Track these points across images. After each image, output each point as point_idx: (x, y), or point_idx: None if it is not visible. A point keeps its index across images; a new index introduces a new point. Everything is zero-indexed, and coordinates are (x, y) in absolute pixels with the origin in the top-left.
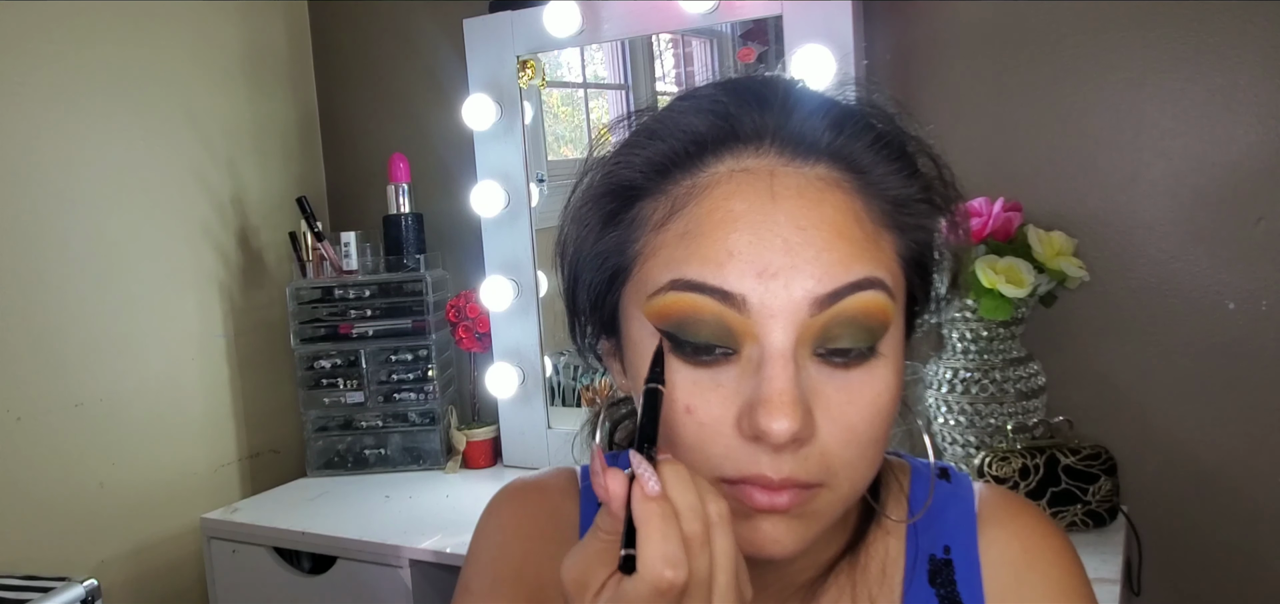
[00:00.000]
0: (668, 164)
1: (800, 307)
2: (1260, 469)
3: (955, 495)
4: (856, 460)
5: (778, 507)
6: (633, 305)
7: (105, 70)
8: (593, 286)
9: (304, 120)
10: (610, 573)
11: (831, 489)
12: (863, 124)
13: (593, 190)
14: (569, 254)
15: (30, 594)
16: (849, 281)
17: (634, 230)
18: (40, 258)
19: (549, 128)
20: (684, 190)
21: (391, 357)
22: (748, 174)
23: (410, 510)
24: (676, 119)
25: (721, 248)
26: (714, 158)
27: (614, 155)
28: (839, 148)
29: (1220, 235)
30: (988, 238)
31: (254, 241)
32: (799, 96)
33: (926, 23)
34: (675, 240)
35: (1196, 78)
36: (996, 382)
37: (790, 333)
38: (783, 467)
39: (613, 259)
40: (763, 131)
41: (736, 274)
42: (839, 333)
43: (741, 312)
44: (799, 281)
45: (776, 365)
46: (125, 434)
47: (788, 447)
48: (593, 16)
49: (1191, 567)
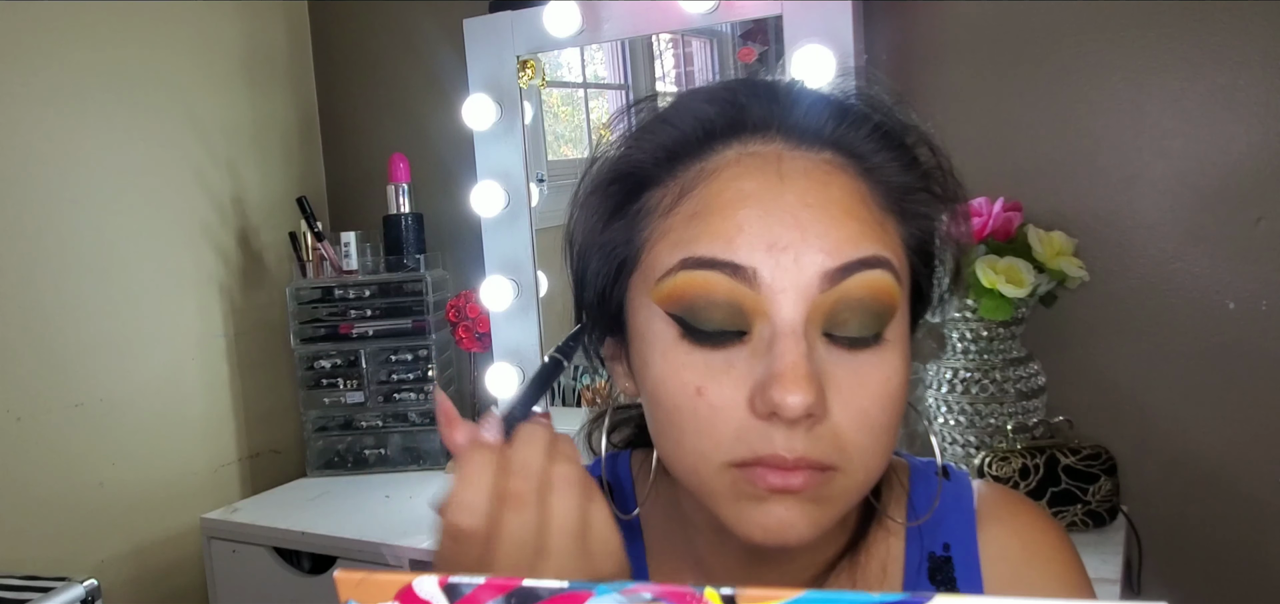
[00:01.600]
0: (677, 150)
1: (811, 282)
2: (1260, 469)
3: (954, 493)
4: (870, 446)
5: (792, 487)
6: (640, 295)
7: (105, 71)
8: (599, 278)
9: (304, 120)
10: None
11: (846, 475)
12: (862, 114)
13: (601, 176)
14: (578, 241)
15: (30, 594)
16: (858, 257)
17: (641, 220)
18: (40, 258)
19: (549, 128)
20: (692, 174)
21: (391, 356)
22: (756, 157)
23: (410, 510)
24: (687, 107)
25: (731, 223)
26: (722, 144)
27: (624, 142)
28: (841, 136)
29: (1220, 235)
30: (988, 238)
31: (254, 241)
32: (803, 91)
33: (926, 23)
34: (684, 222)
35: (1196, 78)
36: (996, 382)
37: (801, 308)
38: (796, 445)
39: (620, 250)
40: (770, 120)
41: (747, 247)
42: (847, 317)
43: (752, 286)
44: (809, 256)
45: (788, 341)
46: (125, 434)
47: (801, 423)
48: (593, 16)
49: (1191, 567)
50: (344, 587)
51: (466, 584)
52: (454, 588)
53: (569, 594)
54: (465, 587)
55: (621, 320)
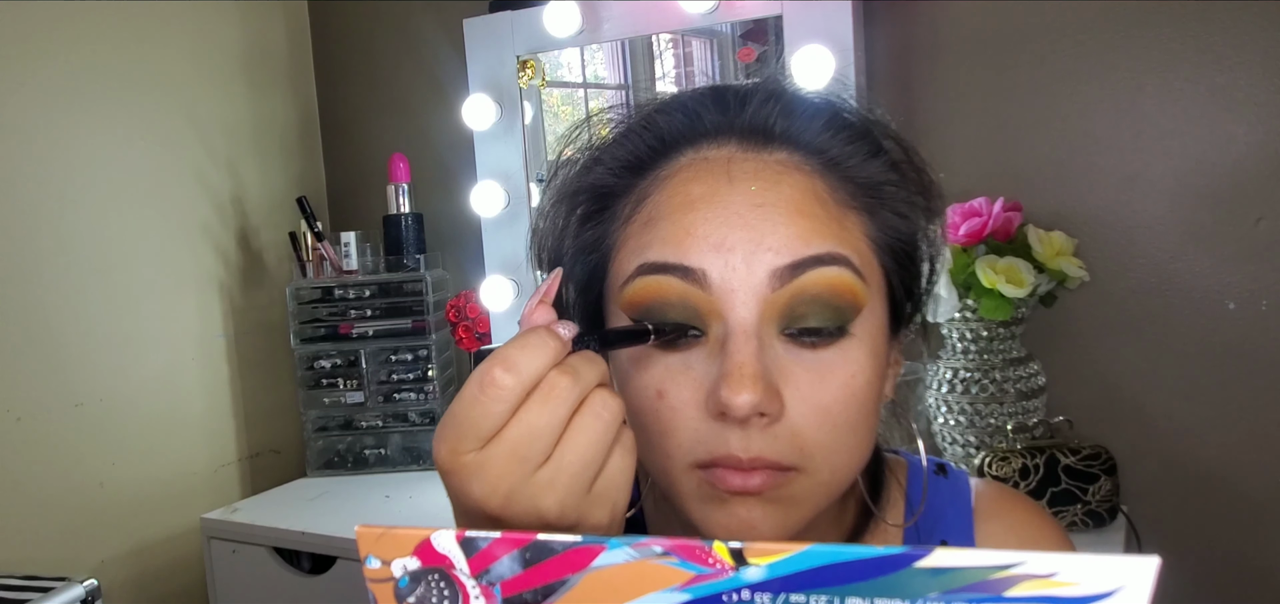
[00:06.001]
0: (634, 162)
1: (761, 282)
2: (1261, 469)
3: (952, 491)
4: (832, 444)
5: (750, 488)
6: (610, 302)
7: (105, 71)
8: (578, 282)
9: (304, 120)
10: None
11: (808, 474)
12: (818, 109)
13: (566, 189)
14: (548, 247)
15: (30, 594)
16: (810, 255)
17: (608, 227)
18: (40, 258)
19: (549, 128)
20: (648, 183)
21: (391, 357)
22: (706, 162)
23: (410, 510)
24: (646, 120)
25: (680, 227)
26: (677, 151)
27: (588, 157)
28: (796, 133)
29: (1220, 235)
30: (988, 238)
31: (254, 241)
32: (759, 92)
33: (926, 23)
34: (640, 229)
35: (1196, 78)
36: (996, 382)
37: (752, 308)
38: (752, 445)
39: (592, 256)
40: (722, 126)
41: (696, 251)
42: (805, 311)
43: (704, 288)
44: (758, 255)
45: (738, 340)
46: (125, 434)
47: (754, 422)
48: (593, 16)
49: (1191, 567)
50: (364, 541)
51: (482, 539)
52: (470, 542)
53: (582, 549)
54: (481, 541)
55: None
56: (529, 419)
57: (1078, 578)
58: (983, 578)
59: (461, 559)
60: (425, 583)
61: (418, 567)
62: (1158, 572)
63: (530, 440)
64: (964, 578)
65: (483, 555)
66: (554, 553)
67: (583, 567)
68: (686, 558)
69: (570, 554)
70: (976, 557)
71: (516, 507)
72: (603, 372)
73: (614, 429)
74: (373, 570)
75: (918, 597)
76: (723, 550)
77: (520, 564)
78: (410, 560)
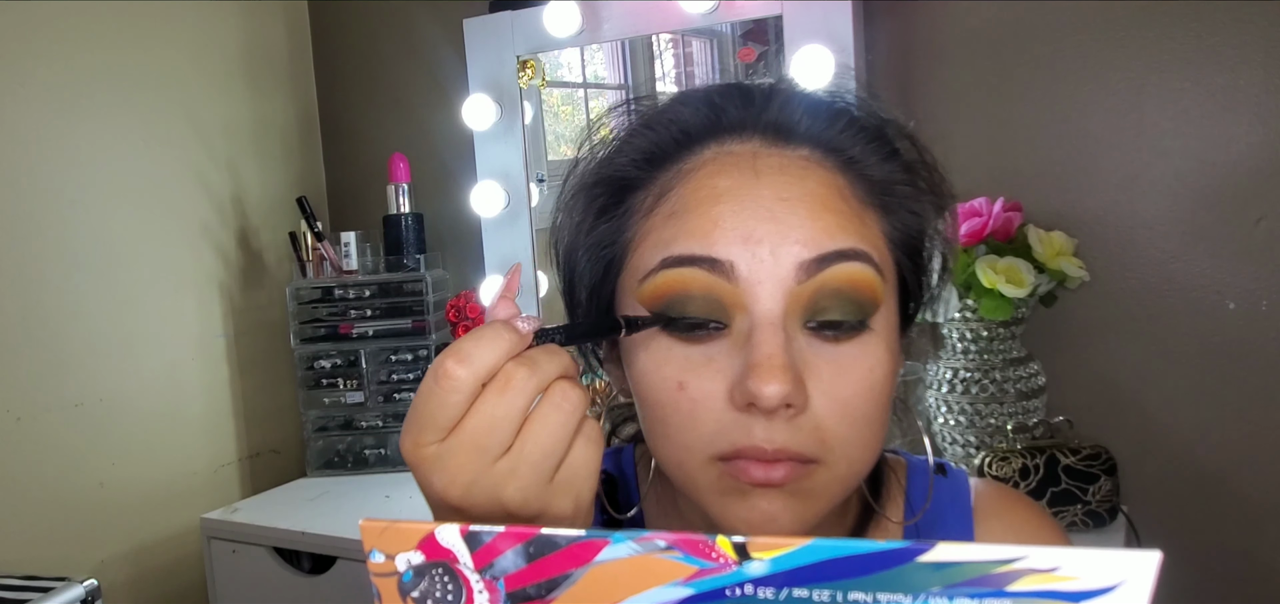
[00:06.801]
0: (657, 154)
1: (787, 274)
2: (1261, 469)
3: (952, 491)
4: (852, 438)
5: (773, 480)
6: (626, 295)
7: (105, 71)
8: (588, 279)
9: (304, 120)
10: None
11: (828, 467)
12: (838, 110)
13: (585, 180)
14: (563, 243)
15: (30, 594)
16: (835, 249)
17: (624, 222)
18: (40, 258)
19: (549, 128)
20: (670, 176)
21: (391, 357)
22: (732, 156)
23: (410, 511)
24: (667, 112)
25: (707, 219)
26: (700, 145)
27: (607, 148)
28: (818, 132)
29: (1220, 235)
30: (988, 238)
31: (254, 242)
32: (780, 91)
33: (926, 23)
34: (663, 222)
35: (1196, 78)
36: (996, 382)
37: (778, 300)
38: (776, 436)
39: (607, 252)
40: (746, 121)
41: (723, 242)
42: (827, 304)
43: (730, 280)
44: (785, 248)
45: (765, 331)
46: (125, 434)
47: (779, 414)
48: (593, 16)
49: (1191, 567)
50: (368, 535)
51: (486, 533)
52: (475, 536)
53: (586, 543)
54: (485, 535)
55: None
56: (486, 410)
57: (1080, 572)
58: (985, 572)
59: (465, 553)
60: (429, 577)
61: (422, 561)
62: (1159, 566)
63: (489, 431)
64: (966, 572)
65: (487, 550)
66: (557, 547)
67: (586, 561)
68: (690, 552)
69: (574, 549)
70: (979, 551)
71: (477, 496)
72: (565, 364)
73: (576, 420)
74: (377, 565)
75: (920, 591)
76: (726, 545)
77: (524, 558)
78: (414, 555)
